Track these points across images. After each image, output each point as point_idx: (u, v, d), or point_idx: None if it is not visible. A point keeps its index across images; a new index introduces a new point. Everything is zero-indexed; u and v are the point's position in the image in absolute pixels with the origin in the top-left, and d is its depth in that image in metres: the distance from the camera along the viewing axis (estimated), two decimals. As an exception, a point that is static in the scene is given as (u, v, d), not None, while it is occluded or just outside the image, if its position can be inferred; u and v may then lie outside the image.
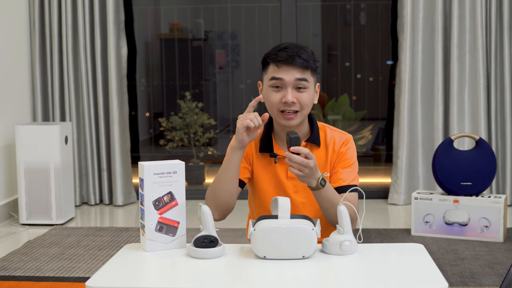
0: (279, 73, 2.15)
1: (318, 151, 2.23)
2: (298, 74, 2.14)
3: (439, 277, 1.68)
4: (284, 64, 2.14)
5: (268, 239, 1.80)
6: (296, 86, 2.15)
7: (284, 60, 2.14)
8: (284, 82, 2.15)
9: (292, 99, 2.14)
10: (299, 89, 2.15)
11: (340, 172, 2.21)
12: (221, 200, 2.15)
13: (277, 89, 2.16)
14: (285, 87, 2.15)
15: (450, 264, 3.23)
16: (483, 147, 3.74)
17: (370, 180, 5.45)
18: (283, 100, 2.15)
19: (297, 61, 2.13)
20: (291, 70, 2.14)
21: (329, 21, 6.71)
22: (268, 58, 2.18)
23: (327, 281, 1.75)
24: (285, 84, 2.15)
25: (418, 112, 4.60)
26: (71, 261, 3.37)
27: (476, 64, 4.46)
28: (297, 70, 2.14)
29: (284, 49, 2.16)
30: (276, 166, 2.23)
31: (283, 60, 2.14)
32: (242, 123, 2.07)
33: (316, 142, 2.23)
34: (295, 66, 2.14)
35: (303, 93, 2.15)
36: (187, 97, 5.41)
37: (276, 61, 2.16)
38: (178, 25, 6.54)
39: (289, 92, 2.14)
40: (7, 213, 4.30)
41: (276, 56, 2.16)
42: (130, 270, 1.80)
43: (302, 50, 2.17)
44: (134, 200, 4.83)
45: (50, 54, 4.65)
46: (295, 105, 2.15)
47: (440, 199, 3.74)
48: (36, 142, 4.10)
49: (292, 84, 2.14)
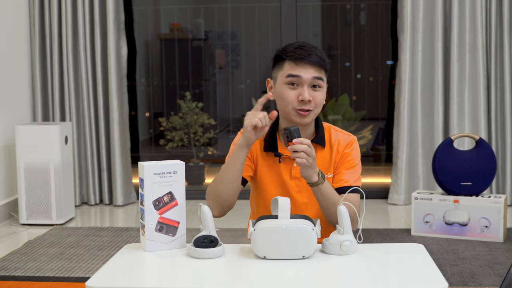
0: (297, 70, 2.14)
1: (323, 152, 2.23)
2: (315, 72, 2.14)
3: (439, 277, 1.68)
4: (303, 62, 2.13)
5: (268, 239, 1.80)
6: (312, 85, 2.15)
7: (302, 57, 2.13)
8: (301, 80, 2.14)
9: (309, 97, 2.13)
10: (314, 87, 2.16)
11: (343, 173, 2.21)
12: (223, 197, 2.14)
13: (293, 87, 2.15)
14: (301, 85, 2.14)
15: (450, 264, 3.23)
16: (483, 147, 3.74)
17: (370, 180, 5.45)
18: (300, 98, 2.14)
19: (315, 59, 2.14)
20: (309, 68, 2.14)
21: (329, 21, 6.71)
22: (284, 55, 2.16)
23: (327, 281, 1.75)
24: (302, 82, 2.14)
25: (418, 112, 4.60)
26: (71, 261, 3.37)
27: (476, 64, 4.46)
28: (314, 69, 2.14)
29: (301, 47, 2.15)
30: (280, 166, 2.23)
31: (301, 58, 2.13)
32: (251, 121, 2.05)
33: (321, 142, 2.22)
34: (313, 64, 2.14)
35: (317, 92, 2.16)
36: (187, 97, 5.41)
37: (294, 58, 2.14)
38: (178, 25, 6.54)
39: (305, 90, 2.14)
40: (7, 213, 4.30)
41: (294, 53, 2.14)
42: (130, 270, 1.80)
43: (317, 48, 2.17)
44: (134, 200, 4.83)
45: (50, 54, 4.65)
46: (310, 104, 2.15)
47: (440, 199, 3.74)
48: (36, 142, 4.10)
49: (309, 82, 2.14)
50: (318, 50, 2.17)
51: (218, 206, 2.15)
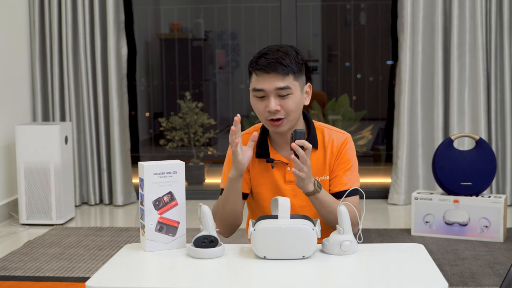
0: (259, 83, 2.10)
1: (316, 153, 2.20)
2: (279, 82, 2.08)
3: (439, 277, 1.68)
4: (264, 73, 2.08)
5: (268, 239, 1.79)
6: (279, 94, 2.10)
7: (263, 68, 2.08)
8: (265, 92, 2.10)
9: (275, 107, 2.09)
10: (282, 96, 2.10)
11: (340, 176, 2.18)
12: (229, 222, 2.16)
13: (261, 98, 2.12)
14: (267, 96, 2.10)
15: (450, 264, 3.23)
16: (483, 147, 3.74)
17: (370, 180, 5.45)
18: (267, 109, 2.10)
19: (276, 69, 2.07)
20: (271, 78, 2.08)
21: (329, 21, 6.71)
22: (250, 66, 2.14)
23: (327, 281, 1.75)
24: (267, 94, 2.10)
25: (418, 112, 4.60)
26: (71, 261, 3.37)
27: (476, 64, 4.46)
28: (277, 78, 2.08)
29: (264, 56, 2.10)
30: (274, 171, 2.21)
31: (262, 69, 2.08)
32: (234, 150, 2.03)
33: (313, 144, 2.18)
34: (275, 74, 2.08)
35: (287, 99, 2.10)
36: (187, 97, 5.41)
37: (255, 70, 2.10)
38: (178, 25, 6.54)
39: (271, 101, 2.09)
40: (7, 213, 4.30)
41: (256, 65, 2.10)
42: (130, 270, 1.80)
43: (283, 54, 2.09)
44: (134, 200, 4.83)
45: (50, 54, 4.65)
46: (280, 113, 2.10)
47: (440, 199, 3.74)
48: (36, 142, 4.10)
49: (273, 93, 2.09)
50: (283, 55, 2.08)
51: (225, 227, 2.17)
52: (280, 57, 2.08)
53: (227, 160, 2.25)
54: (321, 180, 2.19)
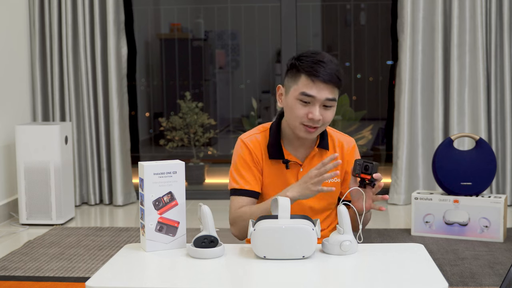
0: (312, 90, 2.09)
1: (327, 155, 2.24)
2: (329, 94, 2.09)
3: (439, 277, 1.68)
4: (321, 81, 2.08)
5: (268, 239, 1.79)
6: (324, 104, 2.11)
7: (321, 77, 2.08)
8: (314, 100, 2.10)
9: (319, 116, 2.10)
10: (326, 107, 2.11)
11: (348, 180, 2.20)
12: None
13: (304, 103, 2.11)
14: (313, 103, 2.10)
15: (450, 264, 3.23)
16: (483, 147, 3.74)
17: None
18: (309, 116, 2.10)
19: (332, 79, 2.08)
20: (325, 88, 2.09)
21: (329, 21, 6.71)
22: (302, 68, 2.10)
23: (327, 281, 1.75)
24: (315, 102, 2.10)
25: (418, 112, 4.60)
26: (71, 261, 3.37)
27: (476, 64, 4.46)
28: (329, 89, 2.09)
29: (321, 63, 2.09)
30: (287, 172, 2.23)
31: (320, 77, 2.08)
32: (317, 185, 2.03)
33: (325, 147, 2.24)
34: (329, 85, 2.09)
35: (328, 111, 2.12)
36: (187, 97, 5.41)
37: (311, 75, 2.09)
38: (178, 25, 6.54)
39: (317, 109, 2.10)
40: (7, 213, 4.30)
41: (313, 70, 2.08)
42: (130, 270, 1.80)
43: (335, 65, 2.11)
44: (134, 200, 4.83)
45: (50, 54, 4.65)
46: (319, 122, 2.12)
47: (440, 199, 3.74)
48: (36, 142, 4.10)
49: (321, 102, 2.10)
50: (336, 66, 2.11)
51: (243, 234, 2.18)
52: (336, 70, 2.10)
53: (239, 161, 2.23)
54: (332, 183, 2.21)
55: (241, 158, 2.23)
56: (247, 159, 2.22)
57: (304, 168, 2.22)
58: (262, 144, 2.23)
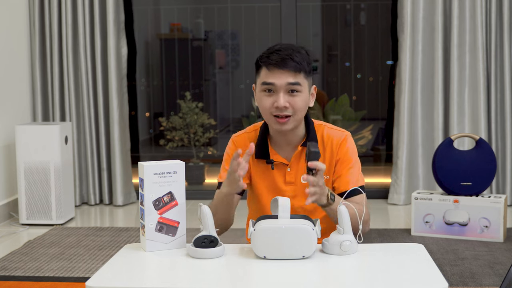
0: (270, 77, 2.09)
1: None
2: (290, 78, 2.08)
3: (439, 277, 1.68)
4: (276, 68, 2.08)
5: (268, 239, 1.79)
6: (289, 90, 2.10)
7: (275, 63, 2.08)
8: (275, 87, 2.09)
9: (284, 103, 2.08)
10: (292, 92, 2.10)
11: (344, 175, 2.17)
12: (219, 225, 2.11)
13: (269, 93, 2.11)
14: (277, 91, 2.10)
15: (450, 264, 3.23)
16: (483, 147, 3.74)
17: (370, 180, 5.45)
18: (275, 105, 2.09)
19: (289, 64, 2.07)
20: (283, 74, 2.08)
21: (329, 21, 6.71)
22: (260, 61, 2.13)
23: (327, 281, 1.75)
24: (277, 89, 2.09)
25: (418, 112, 4.60)
26: (71, 261, 3.37)
27: (476, 64, 4.46)
28: (289, 74, 2.08)
29: (277, 52, 2.10)
30: (274, 172, 2.21)
31: (274, 64, 2.08)
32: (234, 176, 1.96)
33: None
34: (287, 70, 2.08)
35: (296, 97, 2.10)
36: (187, 97, 5.41)
37: (267, 64, 2.10)
38: (178, 25, 6.54)
39: (281, 97, 2.09)
40: (7, 213, 4.30)
41: (268, 59, 2.10)
42: (130, 270, 1.80)
43: (296, 52, 2.10)
44: (134, 200, 4.83)
45: (50, 54, 4.65)
46: (288, 110, 2.10)
47: (440, 199, 3.74)
48: (36, 142, 4.10)
49: (284, 88, 2.09)
50: (295, 53, 2.09)
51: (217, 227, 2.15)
52: (293, 54, 2.09)
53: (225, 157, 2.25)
54: None
55: (226, 154, 2.26)
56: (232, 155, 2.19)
57: (291, 168, 2.19)
58: (252, 142, 2.22)
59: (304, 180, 1.91)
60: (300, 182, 2.19)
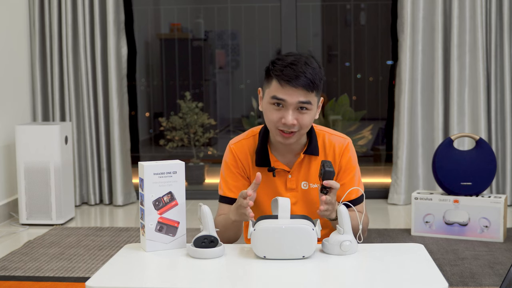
0: (281, 93, 2.04)
1: (317, 160, 2.18)
2: (301, 97, 2.03)
3: (439, 277, 1.68)
4: (288, 84, 2.02)
5: (268, 239, 1.79)
6: (298, 107, 2.06)
7: (288, 80, 2.02)
8: (286, 103, 2.05)
9: (293, 121, 2.05)
10: (301, 109, 2.06)
11: (347, 184, 2.18)
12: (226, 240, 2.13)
13: (277, 107, 2.06)
14: (286, 107, 2.05)
15: (450, 264, 3.23)
16: (483, 147, 3.74)
17: (370, 180, 5.45)
18: (282, 121, 2.06)
19: (302, 82, 2.01)
20: (295, 92, 2.03)
21: (329, 21, 6.71)
22: (273, 71, 2.06)
23: (327, 281, 1.75)
24: (287, 105, 2.05)
25: (418, 112, 4.60)
26: (71, 261, 3.37)
27: (476, 64, 4.46)
28: (301, 92, 2.03)
29: (291, 66, 2.03)
30: (275, 179, 2.20)
31: (287, 80, 2.02)
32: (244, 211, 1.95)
33: (314, 152, 2.17)
34: (299, 88, 2.02)
35: (304, 115, 2.06)
36: (187, 97, 5.41)
37: (281, 79, 2.03)
38: (178, 25, 6.54)
39: (289, 114, 2.05)
40: (7, 213, 4.30)
41: (281, 74, 2.03)
42: (130, 270, 1.80)
43: (310, 67, 2.03)
44: (134, 200, 4.83)
45: (50, 54, 4.65)
46: (295, 126, 2.07)
47: (440, 199, 3.74)
48: (36, 142, 4.10)
49: (294, 105, 2.05)
50: (309, 69, 2.03)
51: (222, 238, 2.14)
52: (307, 70, 2.03)
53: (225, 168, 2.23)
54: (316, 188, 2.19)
55: (225, 164, 2.23)
56: (231, 165, 2.20)
57: (292, 175, 2.18)
58: (250, 150, 2.20)
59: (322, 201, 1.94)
60: (301, 188, 2.19)
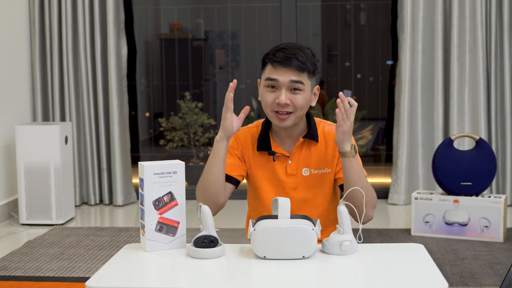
0: (274, 74, 2.15)
1: (317, 147, 2.24)
2: (293, 76, 2.14)
3: (439, 277, 1.68)
4: (280, 65, 2.14)
5: (268, 239, 1.79)
6: (291, 88, 2.15)
7: (280, 61, 2.14)
8: (278, 83, 2.15)
9: (286, 100, 2.14)
10: (294, 90, 2.15)
11: None
12: (209, 194, 2.15)
13: (272, 89, 2.17)
14: (279, 88, 2.15)
15: (450, 264, 3.23)
16: (483, 147, 3.74)
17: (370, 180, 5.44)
18: (276, 101, 2.15)
19: (293, 63, 2.13)
20: (287, 71, 2.14)
21: (329, 21, 6.71)
22: (266, 57, 2.19)
23: (327, 281, 1.75)
24: (280, 85, 2.15)
25: (418, 112, 4.61)
26: (71, 261, 3.37)
27: (476, 64, 4.46)
28: (293, 72, 2.14)
29: (283, 50, 2.16)
30: (275, 164, 2.24)
31: (279, 61, 2.14)
32: (225, 112, 2.09)
33: (314, 138, 2.24)
34: (291, 68, 2.13)
35: (297, 95, 2.15)
36: (187, 97, 5.41)
37: (272, 61, 2.16)
38: (178, 25, 6.54)
39: (283, 93, 2.14)
40: (7, 213, 4.30)
41: (274, 57, 2.16)
42: (130, 270, 1.80)
43: (301, 51, 2.16)
44: (134, 200, 4.83)
45: (50, 54, 4.65)
46: (289, 107, 2.15)
47: (440, 199, 3.74)
48: (36, 142, 4.10)
49: (286, 85, 2.15)
50: (301, 52, 2.15)
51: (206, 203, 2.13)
52: (298, 54, 2.15)
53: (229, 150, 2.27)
54: (323, 173, 2.23)
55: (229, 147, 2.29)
56: (230, 147, 2.26)
57: (292, 160, 2.24)
58: (253, 136, 2.27)
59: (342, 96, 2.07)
60: (301, 174, 2.24)
